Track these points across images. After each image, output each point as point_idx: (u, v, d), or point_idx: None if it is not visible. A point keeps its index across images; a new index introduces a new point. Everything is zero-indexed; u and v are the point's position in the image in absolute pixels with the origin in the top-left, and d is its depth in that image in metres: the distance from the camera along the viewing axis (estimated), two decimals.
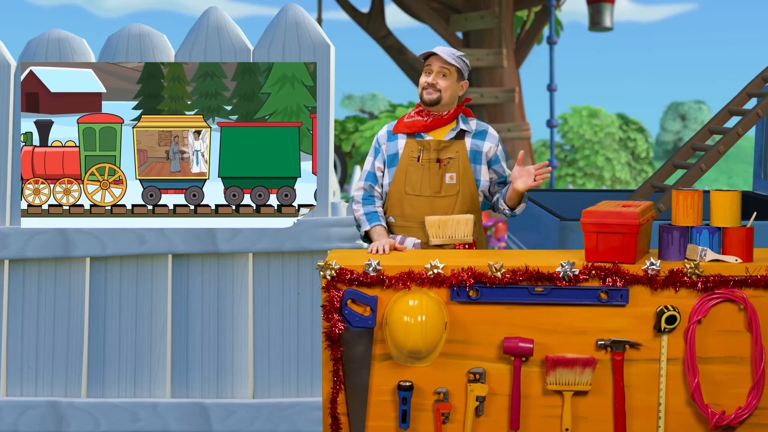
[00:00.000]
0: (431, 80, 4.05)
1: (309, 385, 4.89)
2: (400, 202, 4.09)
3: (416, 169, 4.07)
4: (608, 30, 17.42)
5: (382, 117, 25.22)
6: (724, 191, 3.63)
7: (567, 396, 3.56)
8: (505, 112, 15.95)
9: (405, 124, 4.13)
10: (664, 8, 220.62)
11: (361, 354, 3.59)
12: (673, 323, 3.50)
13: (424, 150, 4.07)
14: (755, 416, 3.56)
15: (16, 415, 4.84)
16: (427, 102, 4.07)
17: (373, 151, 4.19)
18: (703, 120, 49.00)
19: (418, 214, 4.05)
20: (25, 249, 4.81)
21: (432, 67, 4.06)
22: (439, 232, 3.99)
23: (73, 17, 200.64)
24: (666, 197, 5.35)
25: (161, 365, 4.90)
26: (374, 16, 17.29)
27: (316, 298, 4.86)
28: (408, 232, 4.08)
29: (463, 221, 4.00)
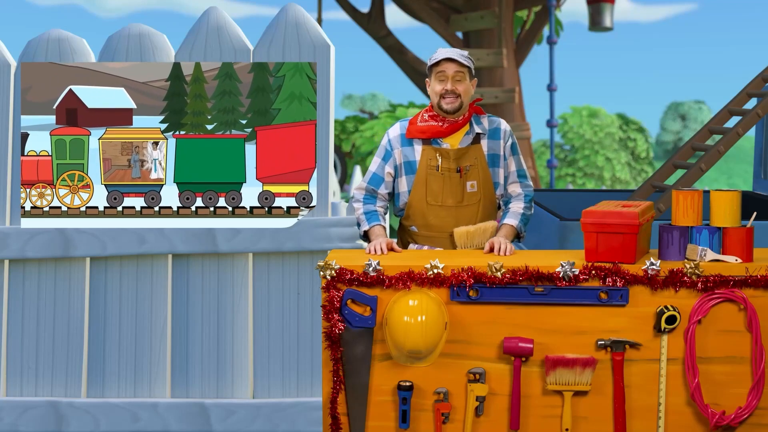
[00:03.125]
0: (450, 87, 3.92)
1: (309, 385, 4.89)
2: (422, 212, 4.02)
3: (436, 179, 3.98)
4: (608, 30, 17.42)
5: (382, 117, 25.19)
6: (724, 191, 3.63)
7: (567, 396, 3.56)
8: (505, 112, 15.95)
9: (419, 128, 4.00)
10: (664, 8, 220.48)
11: (361, 354, 3.59)
12: (673, 323, 3.50)
13: (442, 158, 3.97)
14: (755, 416, 3.56)
15: (16, 415, 4.85)
16: (449, 111, 3.94)
17: (383, 152, 4.06)
18: (703, 120, 48.98)
19: (443, 225, 4.01)
20: (25, 249, 4.81)
21: (447, 73, 3.92)
22: (467, 242, 3.98)
23: (73, 17, 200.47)
24: (666, 197, 5.35)
25: (161, 365, 4.90)
26: (374, 16, 17.29)
27: (316, 298, 4.85)
28: (433, 242, 4.04)
29: (490, 229, 3.99)
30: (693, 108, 49.76)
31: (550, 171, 15.34)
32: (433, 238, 4.04)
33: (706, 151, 5.78)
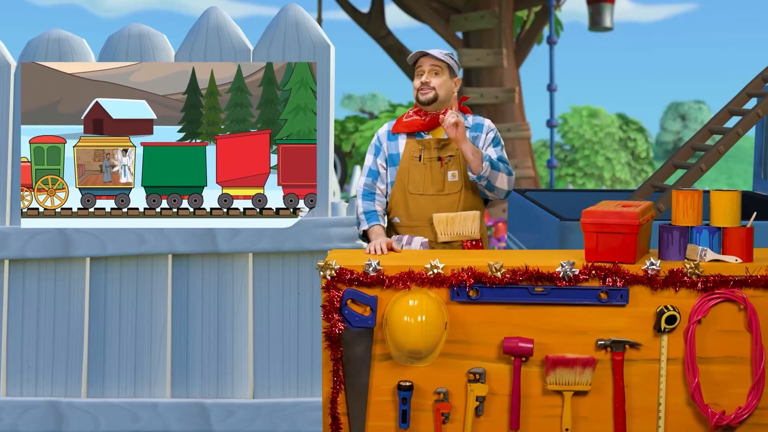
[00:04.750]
0: (424, 79, 4.08)
1: (309, 385, 4.89)
2: (404, 202, 4.10)
3: (418, 169, 4.08)
4: (608, 30, 17.42)
5: (382, 117, 25.21)
6: (724, 191, 3.63)
7: (567, 396, 3.56)
8: (505, 112, 15.96)
9: (404, 123, 4.15)
10: (664, 8, 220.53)
11: (361, 354, 3.59)
12: (673, 323, 3.50)
13: (424, 149, 4.09)
14: (755, 416, 3.56)
15: (16, 415, 4.85)
16: (424, 102, 4.09)
17: (374, 148, 4.20)
18: (703, 120, 48.99)
19: (424, 213, 4.06)
20: (25, 249, 4.81)
21: (423, 68, 4.09)
22: (447, 230, 4.00)
23: (73, 17, 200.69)
24: (666, 197, 5.35)
25: (161, 365, 4.90)
26: (374, 16, 17.29)
27: (316, 298, 4.86)
28: (415, 232, 4.09)
29: (470, 217, 4.01)
30: (693, 108, 49.77)
31: (550, 171, 15.34)
32: (414, 227, 4.09)
33: (706, 151, 5.78)
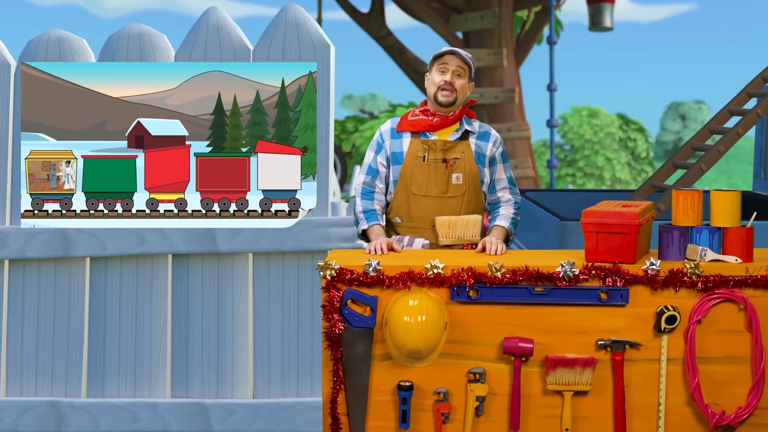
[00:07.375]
0: (449, 79, 4.00)
1: (309, 385, 4.89)
2: (406, 202, 4.06)
3: (422, 169, 4.03)
4: (608, 30, 17.42)
5: (382, 117, 25.21)
6: (724, 191, 3.63)
7: (567, 396, 3.56)
8: (505, 112, 15.95)
9: (409, 122, 4.08)
10: (664, 8, 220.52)
11: (361, 354, 3.59)
12: (673, 323, 3.50)
13: (429, 150, 4.03)
14: (755, 416, 3.56)
15: (16, 415, 4.84)
16: (444, 104, 4.01)
17: (375, 145, 4.13)
18: (703, 120, 48.97)
19: (426, 215, 4.03)
20: (25, 249, 4.81)
21: (449, 66, 4.01)
22: (449, 233, 3.98)
23: (73, 17, 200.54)
24: (666, 197, 5.35)
25: (161, 365, 4.90)
26: (374, 16, 17.28)
27: (316, 298, 4.85)
28: (416, 233, 4.06)
29: (472, 221, 3.99)
30: (693, 108, 49.77)
31: (550, 171, 15.34)
32: (415, 228, 4.05)
33: (706, 151, 5.78)
